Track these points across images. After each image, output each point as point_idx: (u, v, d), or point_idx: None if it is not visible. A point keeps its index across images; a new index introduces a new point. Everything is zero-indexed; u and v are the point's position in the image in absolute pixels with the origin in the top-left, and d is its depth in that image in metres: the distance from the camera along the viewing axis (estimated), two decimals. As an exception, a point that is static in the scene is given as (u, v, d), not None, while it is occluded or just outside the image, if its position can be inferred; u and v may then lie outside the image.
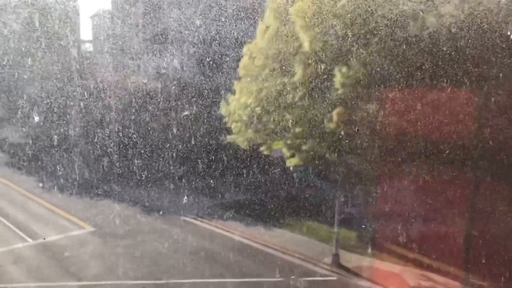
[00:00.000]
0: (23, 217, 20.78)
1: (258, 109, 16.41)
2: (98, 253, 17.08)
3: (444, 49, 12.99)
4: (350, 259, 16.89)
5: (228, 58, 25.30)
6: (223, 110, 17.42)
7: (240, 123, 16.86)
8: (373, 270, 16.30)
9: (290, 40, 15.27)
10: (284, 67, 15.65)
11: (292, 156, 16.56)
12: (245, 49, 16.85)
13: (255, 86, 16.39)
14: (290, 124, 16.00)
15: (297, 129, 15.86)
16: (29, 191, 24.57)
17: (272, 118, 16.37)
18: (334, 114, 13.70)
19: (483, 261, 14.52)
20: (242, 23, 26.11)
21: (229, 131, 17.92)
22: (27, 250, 17.13)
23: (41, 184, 25.53)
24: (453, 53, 12.92)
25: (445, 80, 13.10)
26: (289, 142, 16.35)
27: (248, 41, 17.28)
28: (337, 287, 15.33)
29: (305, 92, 14.85)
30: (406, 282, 15.37)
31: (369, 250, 17.35)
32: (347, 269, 16.35)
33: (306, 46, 14.66)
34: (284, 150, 16.63)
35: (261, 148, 17.40)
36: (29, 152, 28.67)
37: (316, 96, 14.56)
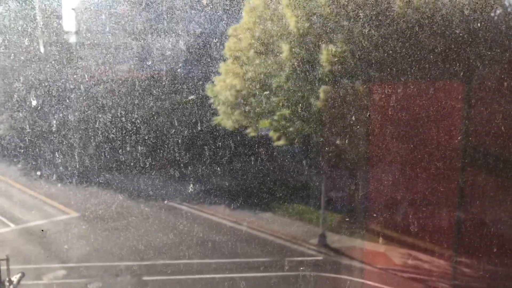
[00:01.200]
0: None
1: (244, 91, 16.38)
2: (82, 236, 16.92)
3: (457, 31, 13.04)
4: (336, 239, 17.02)
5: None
6: (209, 91, 17.31)
7: (226, 104, 16.78)
8: (359, 250, 16.46)
9: (276, 20, 15.25)
10: (270, 47, 15.63)
11: (279, 138, 16.60)
12: (230, 30, 16.76)
13: (241, 67, 16.35)
14: (276, 107, 16.03)
15: (284, 111, 15.91)
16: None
17: (258, 100, 16.37)
18: (321, 91, 13.72)
19: (468, 242, 14.83)
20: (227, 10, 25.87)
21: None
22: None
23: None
24: (465, 35, 12.98)
25: (457, 64, 13.25)
26: (275, 124, 16.39)
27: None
28: (323, 266, 15.41)
29: (291, 71, 14.85)
30: (391, 260, 15.56)
31: (355, 231, 17.52)
32: (333, 249, 16.47)
33: (292, 25, 14.67)
34: (271, 133, 16.66)
35: (248, 130, 17.37)
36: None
37: (303, 75, 14.55)
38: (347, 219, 18.14)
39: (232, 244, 16.64)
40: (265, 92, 16.09)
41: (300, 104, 15.42)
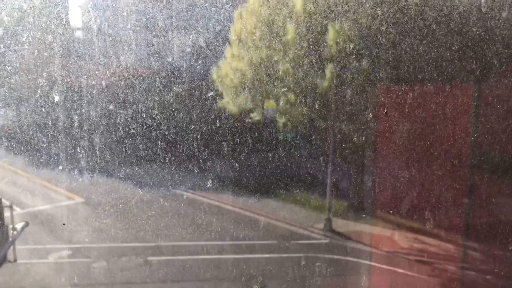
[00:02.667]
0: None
1: (249, 74, 16.34)
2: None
3: (474, 29, 12.95)
4: (342, 225, 16.94)
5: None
6: (214, 75, 17.28)
7: (231, 88, 16.75)
8: (365, 234, 16.36)
9: (282, 2, 15.20)
10: (275, 30, 15.58)
11: (284, 124, 16.56)
12: (236, 14, 16.73)
13: (246, 51, 16.31)
14: (281, 91, 15.98)
15: (290, 96, 15.86)
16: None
17: (263, 85, 16.34)
18: (327, 71, 13.66)
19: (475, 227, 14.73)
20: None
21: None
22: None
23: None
24: (483, 33, 12.89)
25: (474, 62, 13.18)
26: (280, 109, 16.36)
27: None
28: (329, 249, 15.33)
29: (296, 52, 14.79)
30: (397, 244, 15.46)
31: (361, 217, 17.42)
32: (339, 234, 16.39)
33: (298, 6, 14.62)
34: (277, 117, 16.60)
35: (252, 115, 17.31)
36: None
37: (308, 58, 14.50)
38: (354, 206, 18.02)
39: (234, 227, 16.61)
40: (270, 77, 16.05)
41: (305, 88, 15.37)
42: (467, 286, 13.13)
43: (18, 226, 5.53)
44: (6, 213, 5.37)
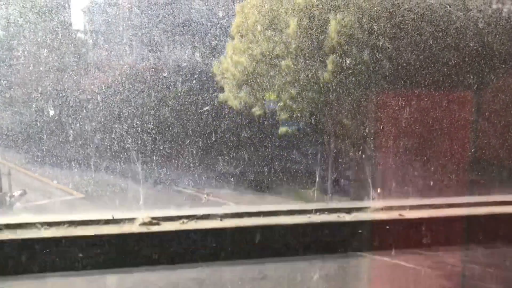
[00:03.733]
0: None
1: (250, 68, 16.35)
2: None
3: (471, 44, 12.96)
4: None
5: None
6: (214, 68, 17.28)
7: (233, 82, 16.75)
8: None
9: (283, -5, 15.27)
10: (276, 23, 15.62)
11: (286, 119, 16.58)
12: (238, 8, 16.74)
13: (248, 45, 16.33)
14: (283, 86, 16.00)
15: (291, 91, 15.88)
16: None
17: (265, 79, 16.36)
18: (329, 62, 13.65)
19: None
20: None
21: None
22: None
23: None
24: (479, 48, 12.90)
25: (471, 76, 13.22)
26: (282, 104, 16.37)
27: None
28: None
29: (298, 45, 14.81)
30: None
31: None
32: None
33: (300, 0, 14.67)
34: (278, 109, 16.60)
35: (253, 109, 17.28)
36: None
37: (309, 49, 14.51)
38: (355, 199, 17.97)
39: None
40: (272, 71, 16.06)
41: (307, 81, 15.38)
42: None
43: (16, 193, 5.50)
44: (4, 180, 5.31)
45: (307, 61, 14.81)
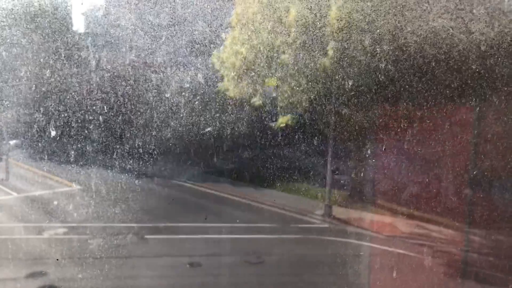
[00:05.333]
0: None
1: (250, 58, 16.30)
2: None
3: (473, 67, 12.95)
4: (343, 212, 16.75)
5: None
6: (214, 58, 17.25)
7: (232, 72, 16.69)
8: (366, 220, 16.16)
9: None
10: (277, 12, 15.58)
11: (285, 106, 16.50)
12: (238, -2, 16.75)
13: (247, 35, 16.28)
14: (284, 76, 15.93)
15: (290, 80, 15.82)
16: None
17: (264, 70, 16.30)
18: (329, 48, 13.60)
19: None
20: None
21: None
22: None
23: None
24: (482, 71, 12.90)
25: (474, 99, 13.23)
26: (281, 96, 16.30)
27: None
28: (329, 233, 15.13)
29: (297, 34, 14.75)
30: (398, 229, 15.26)
31: (362, 205, 17.22)
32: (339, 220, 16.19)
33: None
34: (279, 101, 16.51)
35: (253, 100, 17.22)
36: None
37: (309, 37, 14.45)
38: (354, 195, 17.81)
39: (235, 213, 16.46)
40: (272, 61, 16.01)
41: (306, 71, 15.31)
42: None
43: (11, 142, 5.39)
44: None
45: (307, 49, 14.75)
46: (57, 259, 11.71)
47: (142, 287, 10.88)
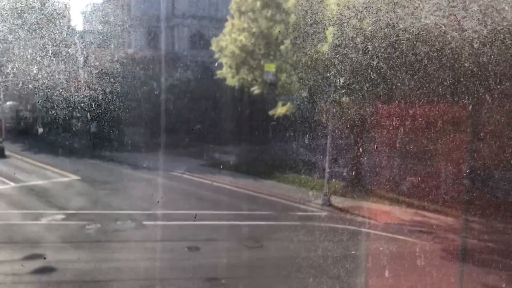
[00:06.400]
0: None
1: (249, 45, 16.26)
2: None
3: (466, 64, 12.91)
4: (341, 201, 16.69)
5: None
6: (213, 45, 17.18)
7: (231, 59, 16.64)
8: (364, 208, 16.11)
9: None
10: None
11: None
12: (237, -13, 16.69)
13: (246, 23, 16.24)
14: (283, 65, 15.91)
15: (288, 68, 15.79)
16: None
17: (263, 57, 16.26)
18: (327, 32, 13.53)
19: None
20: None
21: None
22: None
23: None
24: (475, 69, 12.87)
25: (466, 96, 13.19)
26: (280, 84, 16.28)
27: None
28: (327, 220, 15.08)
29: (298, 19, 14.70)
30: (397, 217, 15.22)
31: (360, 195, 17.18)
32: (338, 208, 16.13)
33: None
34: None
35: (252, 88, 17.18)
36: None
37: (309, 20, 14.40)
38: (353, 185, 17.75)
39: (235, 202, 16.43)
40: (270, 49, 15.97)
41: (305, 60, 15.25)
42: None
43: (7, 104, 5.30)
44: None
45: (306, 34, 14.68)
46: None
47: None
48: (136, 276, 9.90)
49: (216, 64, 17.67)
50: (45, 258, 10.29)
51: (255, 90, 17.08)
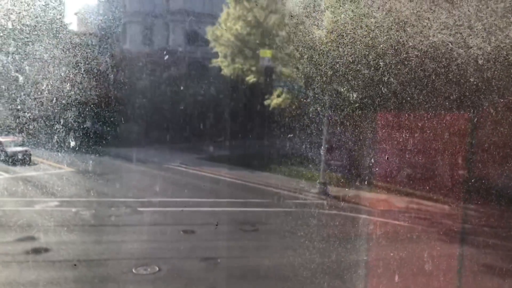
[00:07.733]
0: None
1: (245, 33, 16.22)
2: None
3: (471, 80, 13.10)
4: (338, 190, 16.65)
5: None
6: (209, 35, 17.13)
7: (227, 48, 16.60)
8: (361, 196, 16.06)
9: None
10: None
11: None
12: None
13: (242, 11, 16.20)
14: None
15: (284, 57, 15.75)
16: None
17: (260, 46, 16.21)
18: (325, 20, 13.51)
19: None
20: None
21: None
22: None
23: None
24: (479, 84, 13.04)
25: (472, 110, 13.42)
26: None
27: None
28: (324, 207, 15.03)
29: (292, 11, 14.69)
30: (393, 204, 15.19)
31: (356, 184, 17.13)
32: (335, 197, 16.07)
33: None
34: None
35: (247, 78, 17.11)
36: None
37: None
38: (350, 175, 17.69)
39: (232, 191, 16.38)
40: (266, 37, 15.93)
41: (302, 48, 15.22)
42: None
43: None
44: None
45: (301, 20, 14.66)
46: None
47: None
48: (130, 256, 9.86)
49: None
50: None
51: (250, 79, 17.02)
